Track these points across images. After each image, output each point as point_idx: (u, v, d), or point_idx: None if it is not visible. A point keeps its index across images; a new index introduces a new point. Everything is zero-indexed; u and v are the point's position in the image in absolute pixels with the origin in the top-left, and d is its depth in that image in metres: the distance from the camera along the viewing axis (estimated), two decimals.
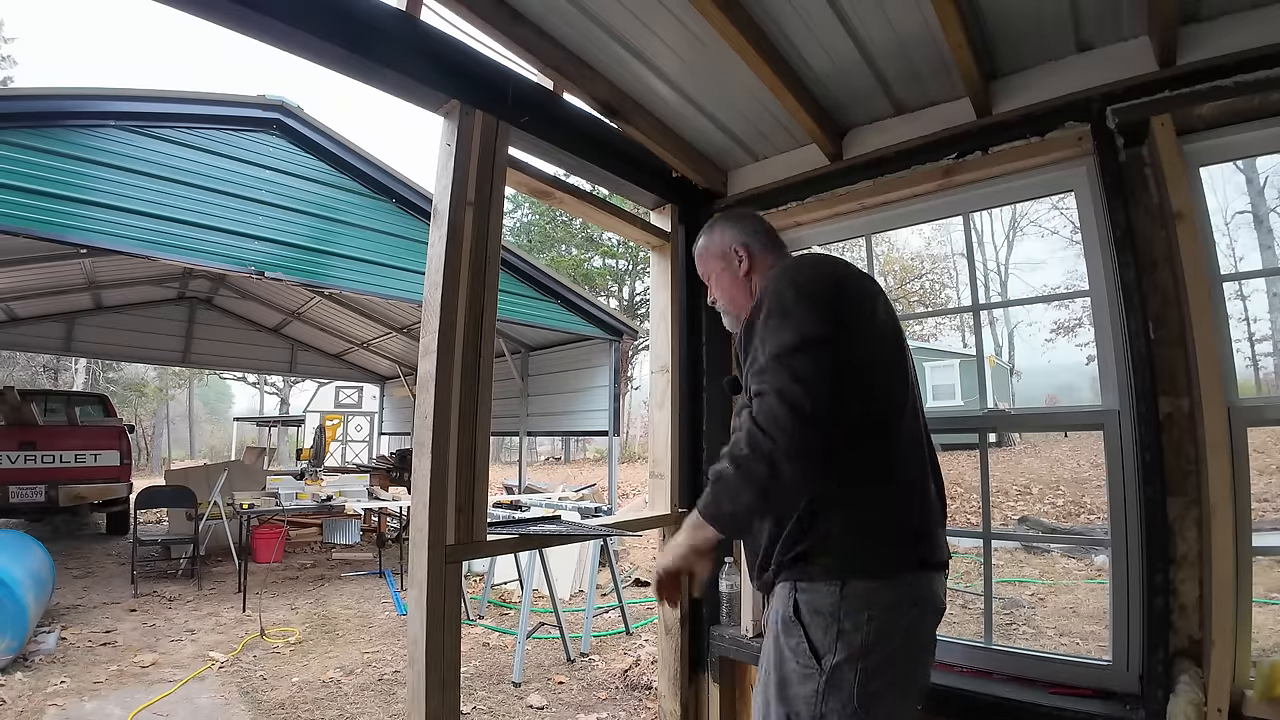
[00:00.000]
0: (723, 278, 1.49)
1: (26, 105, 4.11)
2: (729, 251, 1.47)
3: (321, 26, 1.34)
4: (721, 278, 1.49)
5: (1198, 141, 1.56)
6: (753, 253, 1.45)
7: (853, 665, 1.07)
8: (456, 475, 1.47)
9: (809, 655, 1.10)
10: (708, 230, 1.53)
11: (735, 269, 1.46)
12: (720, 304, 1.53)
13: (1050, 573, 6.11)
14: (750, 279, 1.45)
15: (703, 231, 1.54)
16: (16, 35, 29.71)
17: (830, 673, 1.07)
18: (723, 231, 1.50)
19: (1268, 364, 18.20)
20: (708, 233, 1.53)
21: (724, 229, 1.50)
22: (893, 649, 1.10)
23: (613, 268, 24.86)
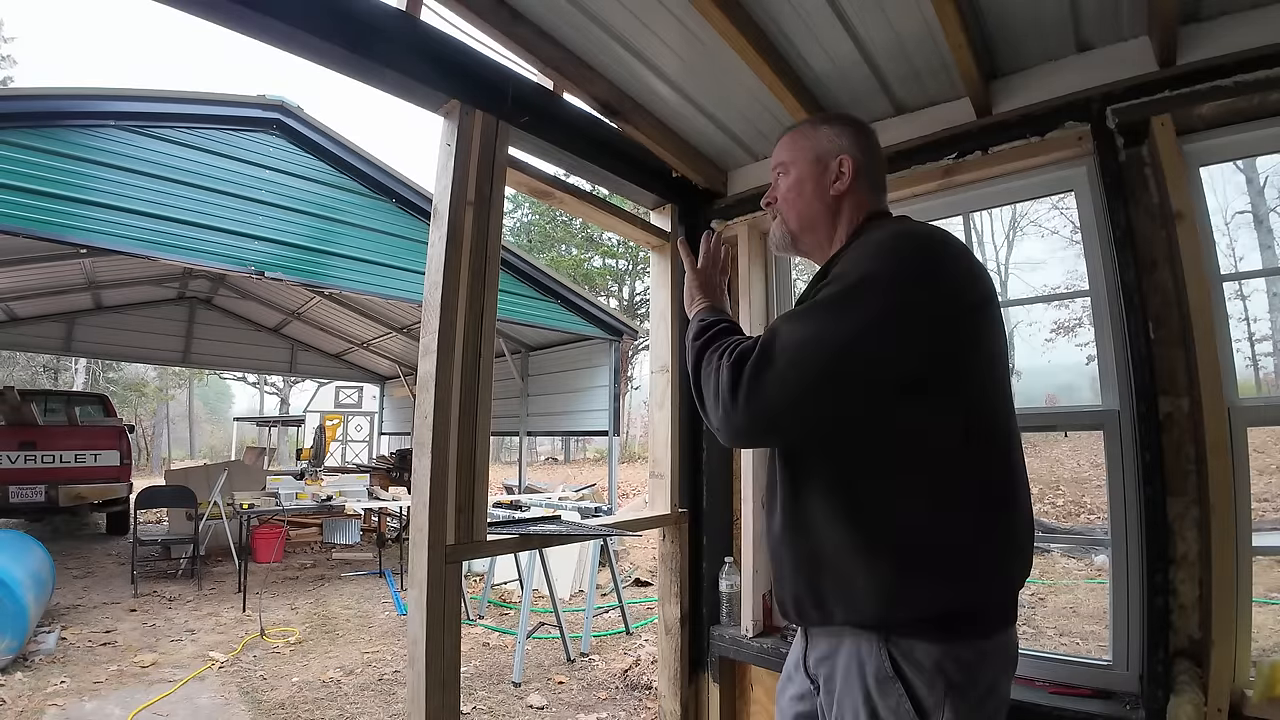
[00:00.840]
0: (804, 184, 1.17)
1: (26, 105, 4.11)
2: (829, 158, 1.15)
3: (321, 26, 1.34)
4: (803, 184, 1.17)
5: (1198, 141, 1.56)
6: (859, 177, 1.14)
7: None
8: (456, 475, 1.47)
9: (912, 715, 0.91)
10: (812, 124, 1.22)
11: (826, 182, 1.15)
12: (780, 206, 1.23)
13: (1050, 573, 6.12)
14: (839, 206, 1.15)
15: (806, 122, 1.25)
16: (16, 35, 29.70)
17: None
18: (839, 134, 1.17)
19: (1268, 364, 18.18)
20: (810, 126, 1.21)
21: (841, 132, 1.18)
22: (996, 699, 0.97)
23: (613, 268, 24.87)
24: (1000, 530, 0.97)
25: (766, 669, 2.10)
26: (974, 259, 1.05)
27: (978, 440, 0.97)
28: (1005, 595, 0.99)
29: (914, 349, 0.93)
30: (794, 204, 1.20)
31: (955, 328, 0.96)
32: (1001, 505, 0.98)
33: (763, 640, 2.09)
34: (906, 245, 1.01)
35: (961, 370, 0.97)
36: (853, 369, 0.92)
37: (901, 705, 0.91)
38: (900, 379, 0.93)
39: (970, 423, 0.96)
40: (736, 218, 2.37)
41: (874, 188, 1.19)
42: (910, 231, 1.05)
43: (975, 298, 0.99)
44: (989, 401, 1.00)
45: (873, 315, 0.92)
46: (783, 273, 2.42)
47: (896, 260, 0.97)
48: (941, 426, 0.95)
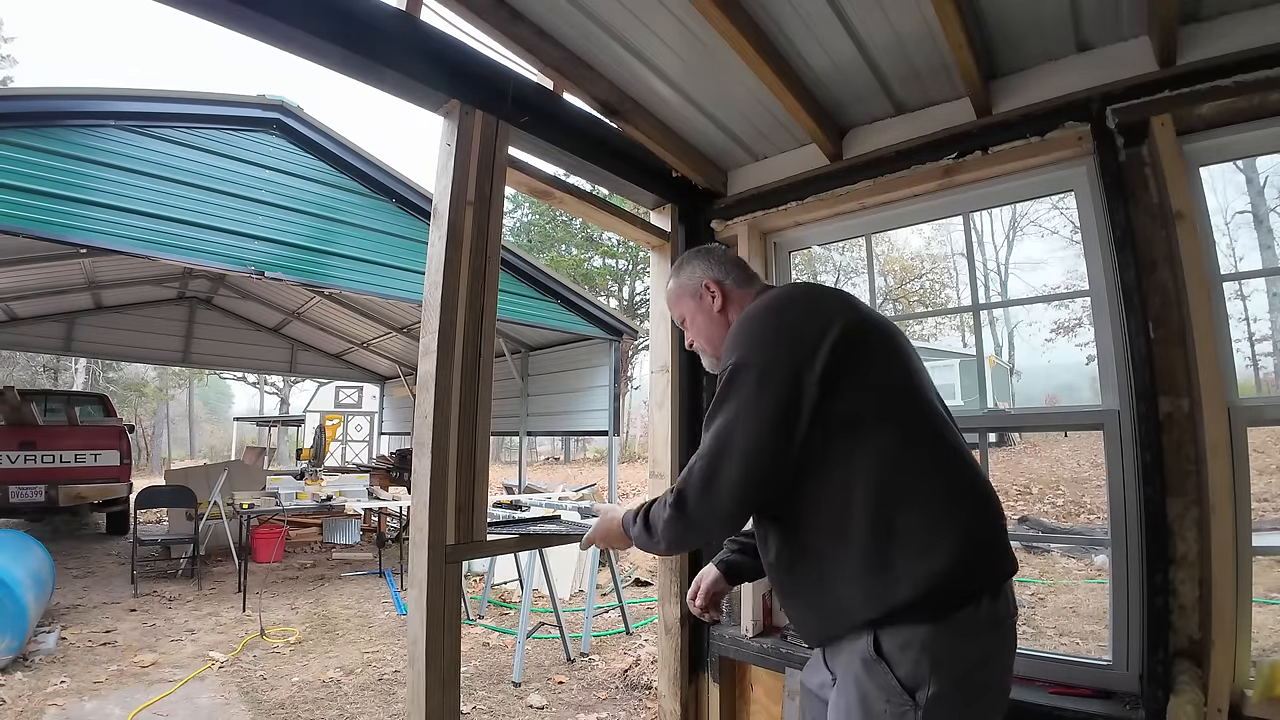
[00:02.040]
0: (697, 318, 1.39)
1: (26, 105, 4.11)
2: (700, 289, 1.38)
3: (321, 26, 1.34)
4: (696, 318, 1.39)
5: (1198, 141, 1.56)
6: (725, 288, 1.36)
7: (952, 693, 0.99)
8: (456, 475, 1.47)
9: (900, 692, 0.99)
10: (675, 271, 1.44)
11: (709, 306, 1.36)
12: (698, 345, 1.42)
13: (1050, 572, 6.12)
14: (726, 315, 1.35)
15: (670, 274, 1.46)
16: (16, 35, 29.70)
17: (928, 706, 0.98)
18: (691, 269, 1.41)
19: (1268, 364, 18.20)
20: (675, 274, 1.44)
21: (692, 266, 1.41)
22: (986, 672, 1.05)
23: (613, 268, 24.87)
24: (952, 523, 1.06)
25: (766, 669, 2.10)
26: (832, 301, 1.19)
27: (910, 447, 1.09)
28: (974, 577, 1.05)
29: (791, 406, 1.07)
30: (703, 333, 1.40)
31: (826, 364, 1.07)
32: (950, 499, 1.08)
33: (763, 640, 2.09)
34: (752, 322, 1.18)
35: (858, 393, 1.09)
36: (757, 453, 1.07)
37: (888, 681, 1.01)
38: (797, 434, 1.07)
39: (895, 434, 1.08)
40: (736, 218, 2.37)
41: (744, 282, 1.38)
42: (754, 310, 1.21)
43: (838, 334, 1.10)
44: (904, 414, 1.12)
45: (745, 399, 1.08)
46: (782, 270, 2.43)
47: (745, 341, 1.15)
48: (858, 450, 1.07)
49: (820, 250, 22.72)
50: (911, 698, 0.98)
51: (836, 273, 26.21)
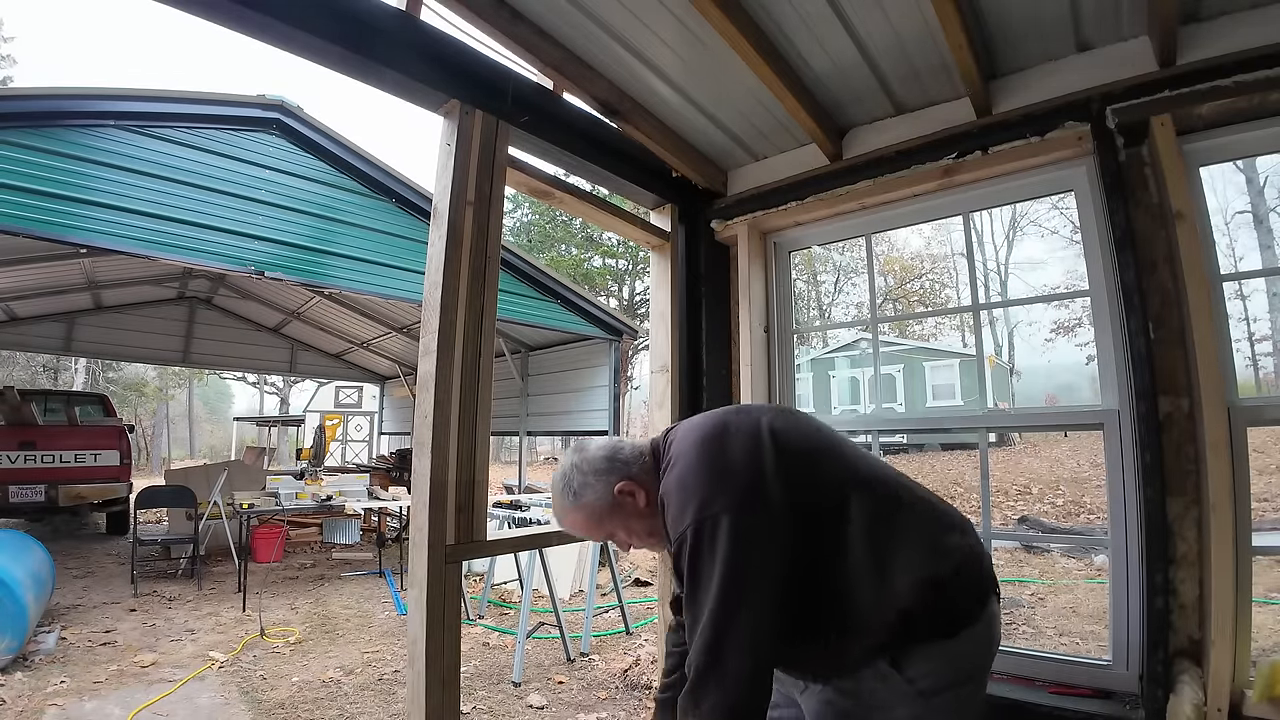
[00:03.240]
0: (631, 524, 1.26)
1: (26, 105, 4.11)
2: (613, 498, 1.24)
3: (321, 26, 1.34)
4: (631, 524, 1.26)
5: (1198, 141, 1.56)
6: (636, 480, 1.24)
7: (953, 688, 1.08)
8: (456, 475, 1.47)
9: (901, 679, 1.07)
10: (573, 500, 1.26)
11: (635, 506, 1.24)
12: (644, 547, 1.33)
13: (1050, 572, 6.11)
14: (654, 501, 1.24)
15: (568, 506, 1.27)
16: (16, 35, 29.72)
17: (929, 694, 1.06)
18: (590, 489, 1.24)
19: (1268, 364, 18.20)
20: (574, 504, 1.26)
21: (589, 486, 1.24)
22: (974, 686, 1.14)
23: (613, 268, 24.87)
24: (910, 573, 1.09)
25: None
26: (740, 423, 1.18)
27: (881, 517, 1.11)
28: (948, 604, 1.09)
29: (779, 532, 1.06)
30: (645, 538, 1.29)
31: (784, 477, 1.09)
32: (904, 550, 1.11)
33: None
34: (694, 474, 1.13)
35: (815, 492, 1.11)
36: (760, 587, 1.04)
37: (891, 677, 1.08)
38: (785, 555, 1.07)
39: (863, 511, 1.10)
40: (736, 217, 2.37)
41: (638, 459, 1.27)
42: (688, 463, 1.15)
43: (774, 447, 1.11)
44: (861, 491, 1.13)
45: (729, 550, 1.02)
46: (782, 270, 2.43)
47: (697, 494, 1.09)
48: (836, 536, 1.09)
49: (820, 250, 22.72)
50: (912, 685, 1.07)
51: (836, 273, 26.22)
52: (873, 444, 2.24)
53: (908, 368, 16.45)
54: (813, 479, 1.12)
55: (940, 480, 11.22)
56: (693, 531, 1.06)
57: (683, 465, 1.15)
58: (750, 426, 1.16)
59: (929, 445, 15.29)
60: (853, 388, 17.94)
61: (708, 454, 1.14)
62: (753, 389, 2.27)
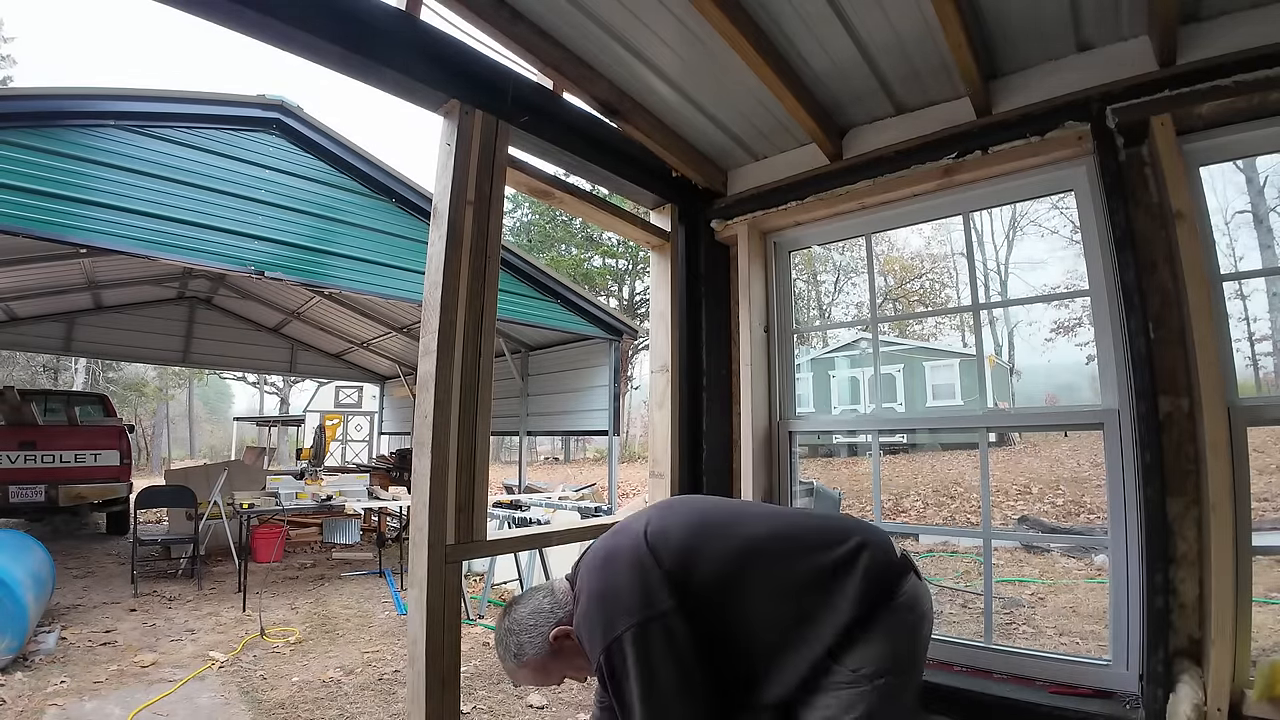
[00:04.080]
0: (577, 662, 1.34)
1: (26, 105, 4.11)
2: (552, 647, 1.31)
3: (321, 26, 1.34)
4: (576, 663, 1.34)
5: (1198, 141, 1.56)
6: (564, 624, 1.32)
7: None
8: (456, 475, 1.47)
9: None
10: (516, 661, 1.34)
11: (575, 646, 1.31)
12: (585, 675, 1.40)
13: (1050, 572, 6.11)
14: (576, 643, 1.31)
15: (515, 667, 1.35)
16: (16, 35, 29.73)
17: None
18: (528, 644, 1.32)
19: (1268, 364, 18.19)
20: (519, 664, 1.34)
21: (523, 644, 1.32)
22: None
23: (613, 268, 24.87)
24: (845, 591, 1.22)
25: None
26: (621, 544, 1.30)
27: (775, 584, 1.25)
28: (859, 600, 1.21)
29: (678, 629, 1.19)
30: (586, 669, 1.36)
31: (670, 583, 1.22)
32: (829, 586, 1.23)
33: None
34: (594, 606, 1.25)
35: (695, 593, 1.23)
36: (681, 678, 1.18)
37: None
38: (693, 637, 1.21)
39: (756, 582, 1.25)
40: (736, 217, 2.37)
41: (561, 606, 1.35)
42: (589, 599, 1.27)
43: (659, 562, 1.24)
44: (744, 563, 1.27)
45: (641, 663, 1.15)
46: (782, 270, 2.43)
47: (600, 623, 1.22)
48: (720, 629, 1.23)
49: (820, 250, 22.72)
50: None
51: (836, 272, 26.21)
52: (873, 444, 2.23)
53: (908, 367, 16.45)
54: (697, 568, 1.25)
55: (940, 480, 11.22)
56: (604, 658, 1.19)
57: (584, 600, 1.28)
58: (629, 545, 1.28)
59: (929, 445, 15.29)
60: (853, 387, 17.94)
61: (600, 584, 1.26)
62: (753, 389, 2.27)
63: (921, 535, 7.86)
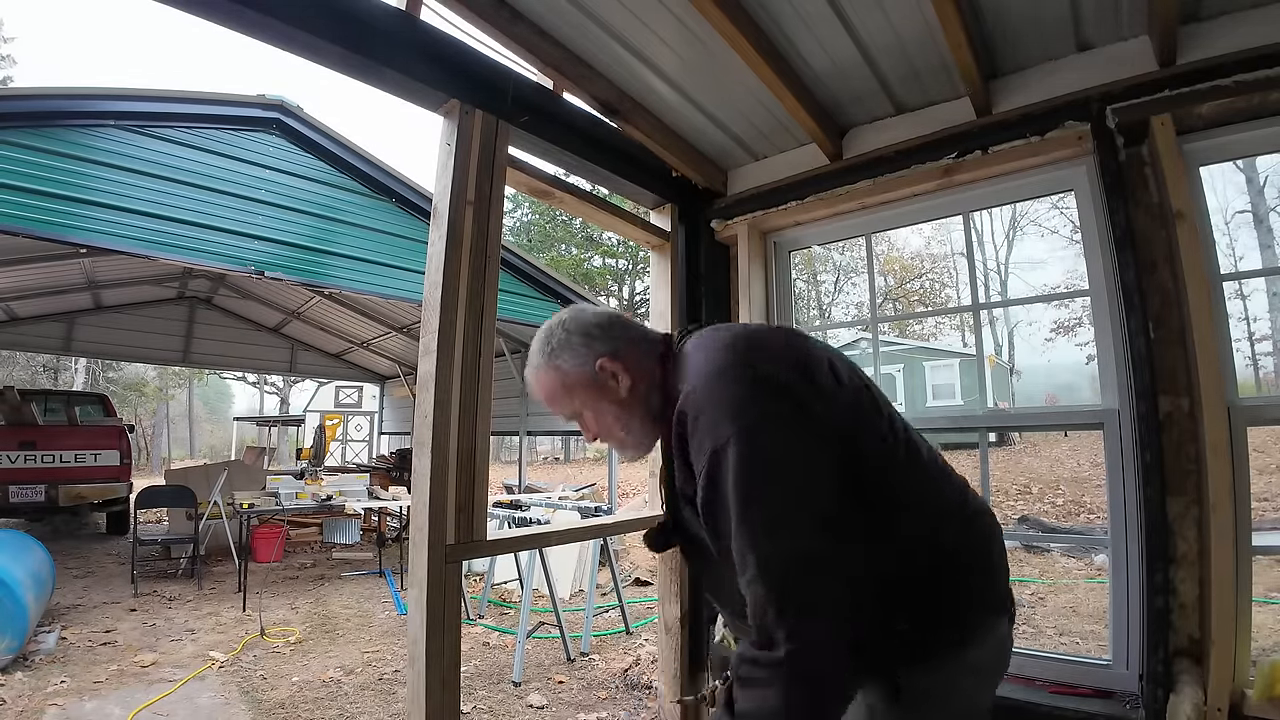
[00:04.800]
0: (599, 412, 1.10)
1: (26, 105, 4.11)
2: (592, 375, 1.08)
3: (321, 26, 1.34)
4: (597, 413, 1.11)
5: (1198, 141, 1.56)
6: (626, 362, 1.08)
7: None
8: (456, 475, 1.47)
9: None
10: (546, 359, 1.12)
11: (613, 391, 1.08)
12: (612, 439, 1.14)
13: (1050, 572, 6.11)
14: (637, 392, 1.08)
15: (532, 367, 1.15)
16: (16, 35, 29.74)
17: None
18: (570, 353, 1.10)
19: (1268, 364, 18.20)
20: (546, 363, 1.12)
21: (569, 350, 1.10)
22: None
23: (613, 267, 24.87)
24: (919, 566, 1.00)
25: None
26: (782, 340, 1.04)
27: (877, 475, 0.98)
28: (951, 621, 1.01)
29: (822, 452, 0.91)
30: (613, 430, 1.13)
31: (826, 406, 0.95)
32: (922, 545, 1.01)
33: None
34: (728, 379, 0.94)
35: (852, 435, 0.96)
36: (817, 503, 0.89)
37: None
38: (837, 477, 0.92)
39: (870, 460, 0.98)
40: (736, 217, 2.37)
41: (639, 341, 1.11)
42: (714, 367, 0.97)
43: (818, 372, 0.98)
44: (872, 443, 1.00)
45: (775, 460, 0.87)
46: (782, 270, 2.43)
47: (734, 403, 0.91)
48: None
49: (820, 250, 22.72)
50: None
51: (836, 272, 26.21)
52: None
53: (908, 367, 16.45)
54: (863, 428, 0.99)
55: None
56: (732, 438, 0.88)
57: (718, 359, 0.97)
58: (792, 332, 1.08)
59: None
60: None
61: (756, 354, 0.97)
62: None
63: None
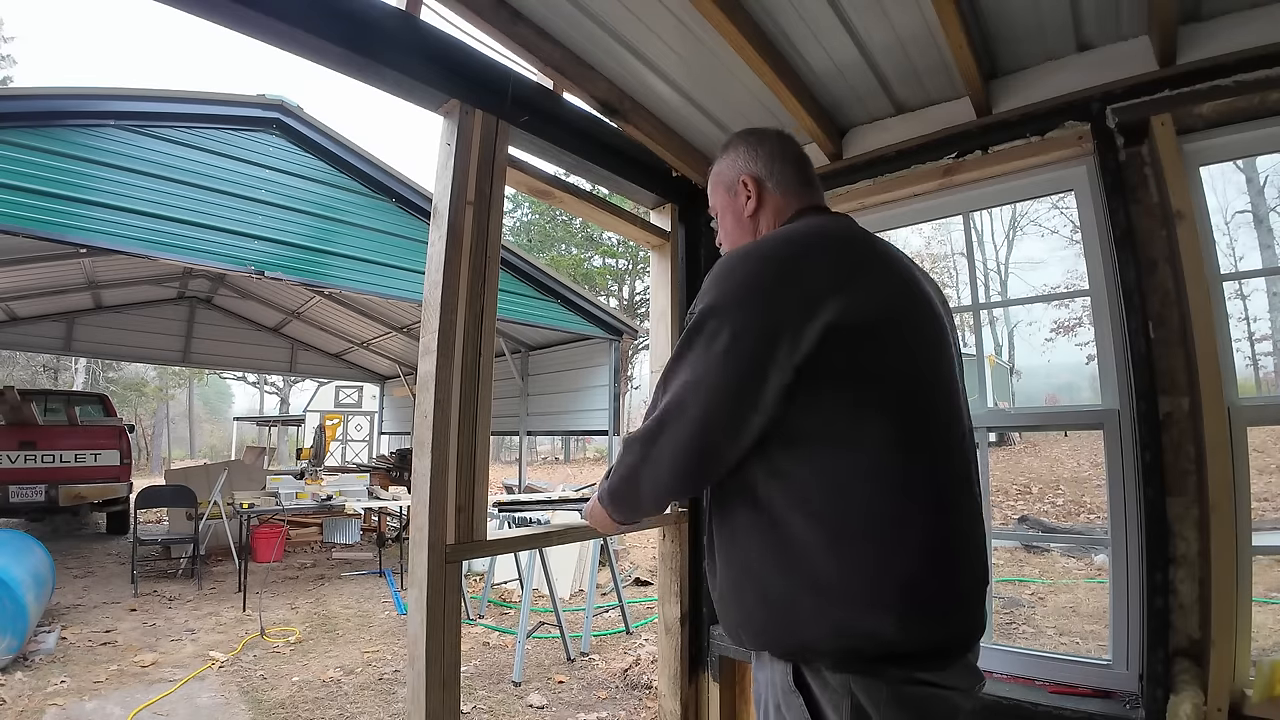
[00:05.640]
0: (725, 217, 1.18)
1: (26, 105, 4.11)
2: (735, 183, 1.16)
3: (321, 26, 1.34)
4: (725, 216, 1.19)
5: (1198, 141, 1.56)
6: (764, 189, 1.13)
7: None
8: (456, 475, 1.47)
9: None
10: (721, 152, 1.22)
11: (740, 208, 1.15)
12: (723, 247, 1.21)
13: (1050, 572, 6.12)
14: (756, 221, 1.14)
15: (716, 156, 1.24)
16: (16, 35, 29.75)
17: None
18: (733, 157, 1.18)
19: (1268, 364, 18.20)
20: (721, 156, 1.21)
21: (734, 154, 1.18)
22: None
23: (613, 267, 24.86)
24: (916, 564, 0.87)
25: None
26: (845, 267, 0.94)
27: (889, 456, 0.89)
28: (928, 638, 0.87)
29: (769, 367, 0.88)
30: (729, 236, 1.19)
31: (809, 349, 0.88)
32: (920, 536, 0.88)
33: None
34: (745, 263, 0.96)
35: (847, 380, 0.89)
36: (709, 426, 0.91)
37: (803, 716, 0.88)
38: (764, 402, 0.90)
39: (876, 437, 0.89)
40: None
41: (790, 187, 1.13)
42: (755, 249, 0.98)
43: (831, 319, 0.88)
44: (902, 411, 0.91)
45: (707, 358, 0.91)
46: None
47: (727, 286, 0.94)
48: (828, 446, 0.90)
49: None
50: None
51: None
52: None
53: None
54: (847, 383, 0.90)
55: None
56: (700, 314, 0.95)
57: (764, 243, 0.98)
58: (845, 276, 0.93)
59: None
60: None
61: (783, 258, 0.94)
62: None
63: None
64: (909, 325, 0.97)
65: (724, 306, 0.92)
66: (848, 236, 1.02)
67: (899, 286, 0.99)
